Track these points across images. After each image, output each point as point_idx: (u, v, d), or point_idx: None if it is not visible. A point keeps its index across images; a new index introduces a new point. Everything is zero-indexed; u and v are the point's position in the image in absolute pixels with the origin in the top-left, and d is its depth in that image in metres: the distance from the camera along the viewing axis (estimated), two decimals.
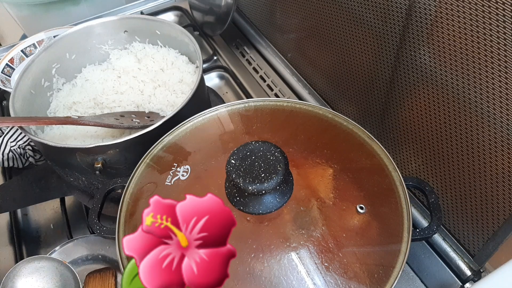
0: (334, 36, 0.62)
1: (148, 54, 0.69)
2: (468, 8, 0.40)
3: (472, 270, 0.53)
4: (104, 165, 0.52)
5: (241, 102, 0.52)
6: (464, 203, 0.50)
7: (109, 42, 0.70)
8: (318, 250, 0.39)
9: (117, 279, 0.55)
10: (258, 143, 0.41)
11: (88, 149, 0.51)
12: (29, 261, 0.52)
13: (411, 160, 0.57)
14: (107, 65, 0.69)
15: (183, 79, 0.65)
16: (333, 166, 0.45)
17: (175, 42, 0.68)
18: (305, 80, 0.77)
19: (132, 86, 0.65)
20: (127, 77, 0.66)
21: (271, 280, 0.37)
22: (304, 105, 0.51)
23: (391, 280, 0.38)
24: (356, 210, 0.42)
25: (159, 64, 0.67)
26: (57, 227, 0.66)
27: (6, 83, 0.75)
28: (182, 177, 0.45)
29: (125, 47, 0.71)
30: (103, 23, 0.67)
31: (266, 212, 0.41)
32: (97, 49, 0.70)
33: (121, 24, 0.69)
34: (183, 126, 0.50)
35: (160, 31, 0.68)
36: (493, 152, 0.44)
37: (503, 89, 0.40)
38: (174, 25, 0.66)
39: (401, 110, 0.55)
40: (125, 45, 0.71)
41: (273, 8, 0.79)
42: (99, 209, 0.47)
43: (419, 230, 0.44)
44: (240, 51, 0.89)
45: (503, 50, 0.38)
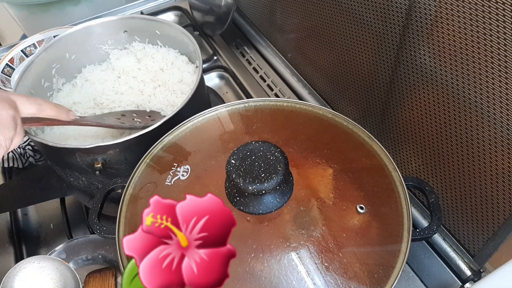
0: (334, 36, 0.62)
1: (148, 54, 0.69)
2: (468, 8, 0.40)
3: (472, 270, 0.53)
4: (104, 165, 0.52)
5: (241, 102, 0.52)
6: (464, 203, 0.50)
7: (109, 42, 0.70)
8: (318, 250, 0.39)
9: (117, 279, 0.55)
10: (258, 143, 0.41)
11: (88, 149, 0.51)
12: (29, 261, 0.52)
13: (411, 160, 0.57)
14: (107, 65, 0.69)
15: (183, 79, 0.65)
16: (333, 166, 0.45)
17: (175, 42, 0.68)
18: (305, 80, 0.77)
19: (132, 86, 0.65)
20: (127, 77, 0.66)
21: (271, 280, 0.37)
22: (304, 105, 0.51)
23: (391, 280, 0.38)
24: (356, 210, 0.42)
25: (159, 64, 0.67)
26: (57, 227, 0.66)
27: (6, 83, 0.75)
28: (182, 177, 0.45)
29: (125, 47, 0.71)
30: (103, 23, 0.67)
31: (266, 212, 0.41)
32: (97, 49, 0.70)
33: (121, 24, 0.69)
34: (183, 126, 0.50)
35: (160, 31, 0.68)
36: (493, 152, 0.44)
37: (503, 89, 0.40)
38: (174, 25, 0.66)
39: (401, 110, 0.55)
40: (125, 45, 0.71)
41: (273, 8, 0.79)
42: (99, 209, 0.47)
43: (419, 230, 0.44)
44: (240, 51, 0.89)
45: (503, 50, 0.38)
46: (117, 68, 0.68)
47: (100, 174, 0.52)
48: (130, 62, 0.68)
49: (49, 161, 0.60)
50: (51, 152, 0.56)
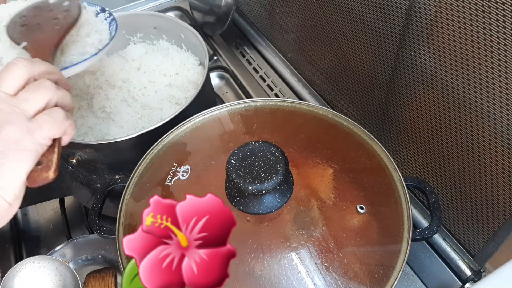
0: (334, 36, 0.62)
1: (157, 48, 0.69)
2: (468, 8, 0.40)
3: (472, 270, 0.53)
4: (79, 161, 0.53)
5: (241, 102, 0.52)
6: (464, 203, 0.50)
7: (138, 34, 0.71)
8: (318, 250, 0.39)
9: (117, 279, 0.55)
10: (258, 143, 0.41)
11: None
12: (29, 261, 0.52)
13: (411, 160, 0.57)
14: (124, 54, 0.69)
15: (189, 79, 0.65)
16: (333, 166, 0.45)
17: (180, 39, 0.68)
18: (305, 80, 0.77)
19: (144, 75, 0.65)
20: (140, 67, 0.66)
21: (271, 280, 0.37)
22: (304, 105, 0.51)
23: (391, 280, 0.38)
24: (356, 210, 0.42)
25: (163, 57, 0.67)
26: (57, 227, 0.66)
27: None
28: (182, 177, 0.45)
29: (153, 43, 0.71)
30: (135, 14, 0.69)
31: (266, 212, 0.40)
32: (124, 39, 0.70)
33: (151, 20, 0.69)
34: (183, 126, 0.50)
35: (157, 25, 0.68)
36: (493, 152, 0.44)
37: (503, 89, 0.40)
38: (178, 21, 0.67)
39: (401, 110, 0.55)
40: (153, 41, 0.71)
41: (273, 8, 0.79)
42: (99, 209, 0.47)
43: (419, 230, 0.44)
44: (240, 51, 0.89)
45: (503, 50, 0.38)
46: (133, 59, 0.67)
47: (72, 169, 0.53)
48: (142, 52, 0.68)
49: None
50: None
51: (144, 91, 0.62)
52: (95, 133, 0.59)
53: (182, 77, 0.65)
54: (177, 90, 0.63)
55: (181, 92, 0.63)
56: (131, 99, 0.62)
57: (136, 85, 0.62)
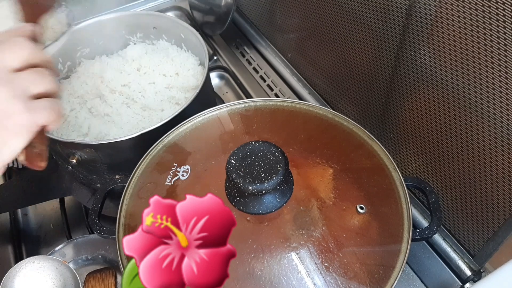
0: (334, 36, 0.62)
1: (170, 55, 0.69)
2: (468, 8, 0.40)
3: (472, 270, 0.53)
4: (79, 161, 0.54)
5: (241, 102, 0.52)
6: (464, 203, 0.50)
7: (138, 34, 0.71)
8: (318, 250, 0.39)
9: (117, 279, 0.55)
10: (258, 143, 0.41)
11: (65, 143, 0.52)
12: (29, 261, 0.52)
13: (411, 160, 0.57)
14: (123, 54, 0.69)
15: (189, 79, 0.64)
16: (333, 166, 0.45)
17: (180, 39, 0.68)
18: (305, 80, 0.77)
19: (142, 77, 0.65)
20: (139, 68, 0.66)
21: (271, 280, 0.37)
22: (304, 105, 0.51)
23: (391, 280, 0.38)
24: (356, 210, 0.42)
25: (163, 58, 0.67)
26: (57, 227, 0.66)
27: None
28: (182, 177, 0.45)
29: (153, 43, 0.72)
30: (133, 15, 0.70)
31: (266, 212, 0.40)
32: (124, 40, 0.71)
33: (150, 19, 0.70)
34: (183, 126, 0.50)
35: (157, 25, 0.68)
36: (493, 152, 0.44)
37: (503, 89, 0.40)
38: (178, 21, 0.67)
39: (401, 110, 0.55)
40: (153, 41, 0.72)
41: (273, 8, 0.79)
42: (99, 209, 0.47)
43: (419, 230, 0.44)
44: (240, 51, 0.89)
45: (503, 50, 0.38)
46: (132, 59, 0.68)
47: (72, 169, 0.54)
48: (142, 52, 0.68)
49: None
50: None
51: (144, 93, 0.62)
52: (95, 134, 0.59)
53: (182, 77, 0.64)
54: (177, 90, 0.63)
55: (181, 92, 0.63)
56: (131, 101, 0.62)
57: (136, 87, 0.63)
